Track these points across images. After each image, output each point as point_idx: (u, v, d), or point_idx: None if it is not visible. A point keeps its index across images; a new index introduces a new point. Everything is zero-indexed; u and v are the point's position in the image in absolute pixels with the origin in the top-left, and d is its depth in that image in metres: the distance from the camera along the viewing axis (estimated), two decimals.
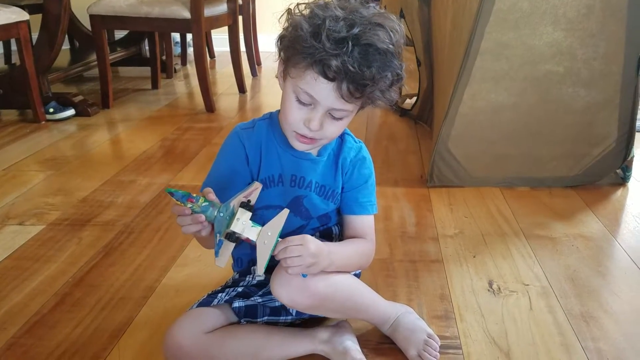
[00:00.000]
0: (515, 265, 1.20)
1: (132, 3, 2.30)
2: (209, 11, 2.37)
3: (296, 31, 0.77)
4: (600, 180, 1.58)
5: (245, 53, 3.24)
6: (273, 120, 0.90)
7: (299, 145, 0.84)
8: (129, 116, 2.41)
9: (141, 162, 1.84)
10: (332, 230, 0.95)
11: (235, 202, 0.78)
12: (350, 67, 0.73)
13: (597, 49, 1.40)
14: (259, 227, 0.78)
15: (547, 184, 1.57)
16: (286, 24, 0.80)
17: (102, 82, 2.46)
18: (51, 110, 2.26)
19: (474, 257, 1.23)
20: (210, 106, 2.45)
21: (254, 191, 0.79)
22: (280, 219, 0.78)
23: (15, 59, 3.21)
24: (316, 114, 0.78)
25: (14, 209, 1.48)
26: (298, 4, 0.80)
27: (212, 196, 0.78)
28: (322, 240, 0.89)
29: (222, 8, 2.56)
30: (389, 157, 1.90)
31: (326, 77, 0.74)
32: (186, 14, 2.27)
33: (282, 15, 0.81)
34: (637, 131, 1.91)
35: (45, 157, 1.88)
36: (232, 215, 0.77)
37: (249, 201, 0.78)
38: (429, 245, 1.29)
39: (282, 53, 0.81)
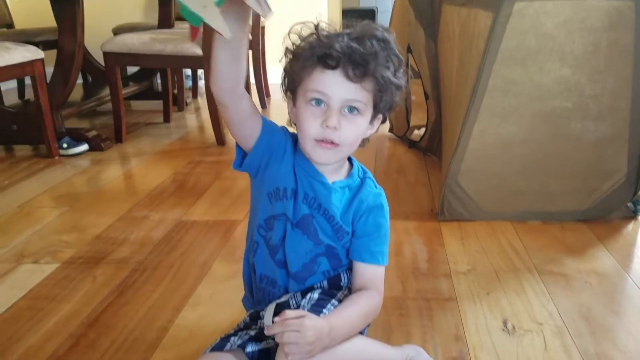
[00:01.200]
0: (529, 302, 1.19)
1: (145, 41, 2.36)
2: None
3: (296, 50, 0.83)
4: (611, 214, 1.58)
5: (255, 85, 3.29)
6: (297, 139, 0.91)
7: (320, 154, 0.84)
8: (141, 150, 2.44)
9: (154, 197, 1.86)
10: (340, 278, 0.94)
11: None
12: (352, 44, 0.78)
13: (604, 84, 1.42)
14: None
15: (559, 218, 1.57)
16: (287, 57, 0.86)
17: (116, 118, 2.50)
18: (65, 145, 2.30)
19: (488, 294, 1.23)
20: (221, 140, 2.48)
21: None
22: None
23: (28, 92, 3.28)
24: (331, 110, 0.80)
25: (29, 247, 1.50)
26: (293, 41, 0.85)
27: None
28: (329, 292, 0.90)
29: None
30: (398, 189, 1.90)
31: (330, 66, 0.79)
32: (198, 51, 2.31)
33: (282, 57, 0.86)
34: None
35: (60, 193, 1.91)
36: None
37: None
38: (442, 282, 1.29)
39: (288, 71, 0.85)
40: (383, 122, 0.91)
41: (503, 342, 1.05)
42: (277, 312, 0.87)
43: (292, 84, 0.86)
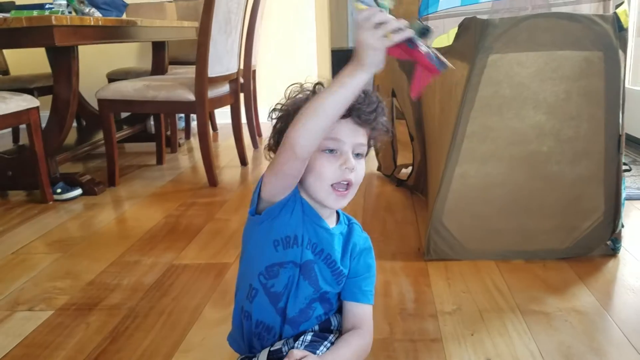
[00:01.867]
0: (511, 342, 1.23)
1: (139, 87, 2.43)
2: (212, 93, 2.49)
3: (295, 104, 0.89)
4: (591, 252, 1.63)
5: (247, 125, 3.37)
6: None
7: (336, 200, 0.90)
8: (134, 193, 2.48)
9: (146, 241, 1.89)
10: (330, 322, 0.98)
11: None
12: (359, 94, 0.85)
13: (578, 129, 1.49)
14: None
15: (541, 256, 1.62)
16: (280, 115, 0.93)
17: (109, 162, 2.55)
18: (59, 190, 2.34)
19: (472, 335, 1.26)
20: (213, 181, 2.53)
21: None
22: None
23: (22, 137, 3.33)
24: (347, 154, 0.88)
25: (24, 294, 1.52)
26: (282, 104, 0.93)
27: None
28: (321, 335, 0.93)
29: (225, 89, 2.69)
30: (386, 228, 1.95)
31: (343, 115, 0.84)
32: (191, 97, 2.39)
33: (273, 114, 0.93)
34: (627, 199, 1.98)
35: (53, 239, 1.94)
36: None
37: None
38: (428, 322, 1.32)
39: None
40: None
41: None
42: (270, 359, 0.91)
43: None
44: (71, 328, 1.33)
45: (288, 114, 0.90)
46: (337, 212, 1.00)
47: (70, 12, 2.49)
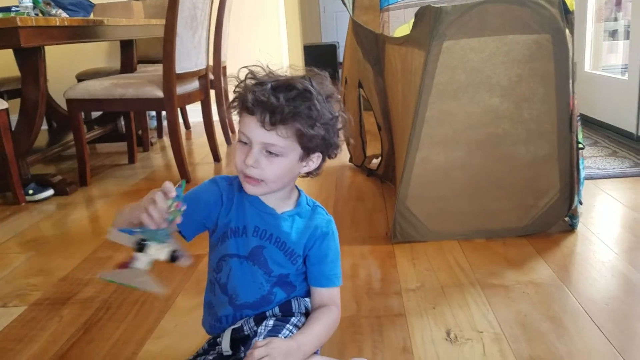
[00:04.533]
0: (470, 314, 1.28)
1: (107, 86, 2.44)
2: (181, 89, 2.51)
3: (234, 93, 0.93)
4: (550, 229, 1.70)
5: (219, 122, 3.39)
6: None
7: (248, 188, 0.93)
8: (106, 192, 2.50)
9: None
10: (291, 305, 1.01)
11: (174, 244, 0.87)
12: (262, 97, 0.87)
13: (531, 111, 1.55)
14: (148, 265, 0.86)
15: (501, 234, 1.68)
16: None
17: (80, 162, 2.56)
18: (30, 191, 2.34)
19: (434, 308, 1.32)
20: (186, 177, 2.55)
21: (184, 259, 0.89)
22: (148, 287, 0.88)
23: None
24: (251, 151, 0.89)
25: None
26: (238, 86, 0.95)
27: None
28: (283, 319, 0.97)
29: (194, 85, 2.71)
30: (356, 216, 2.00)
31: (248, 111, 0.88)
32: (159, 94, 2.40)
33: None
34: (587, 179, 2.06)
35: (26, 239, 1.95)
36: (163, 240, 0.85)
37: (176, 257, 0.87)
38: (393, 299, 1.38)
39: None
40: (332, 157, 0.99)
41: (446, 350, 1.14)
42: (233, 338, 0.95)
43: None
44: (44, 322, 1.36)
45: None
46: (300, 194, 1.04)
47: (37, 14, 2.49)
